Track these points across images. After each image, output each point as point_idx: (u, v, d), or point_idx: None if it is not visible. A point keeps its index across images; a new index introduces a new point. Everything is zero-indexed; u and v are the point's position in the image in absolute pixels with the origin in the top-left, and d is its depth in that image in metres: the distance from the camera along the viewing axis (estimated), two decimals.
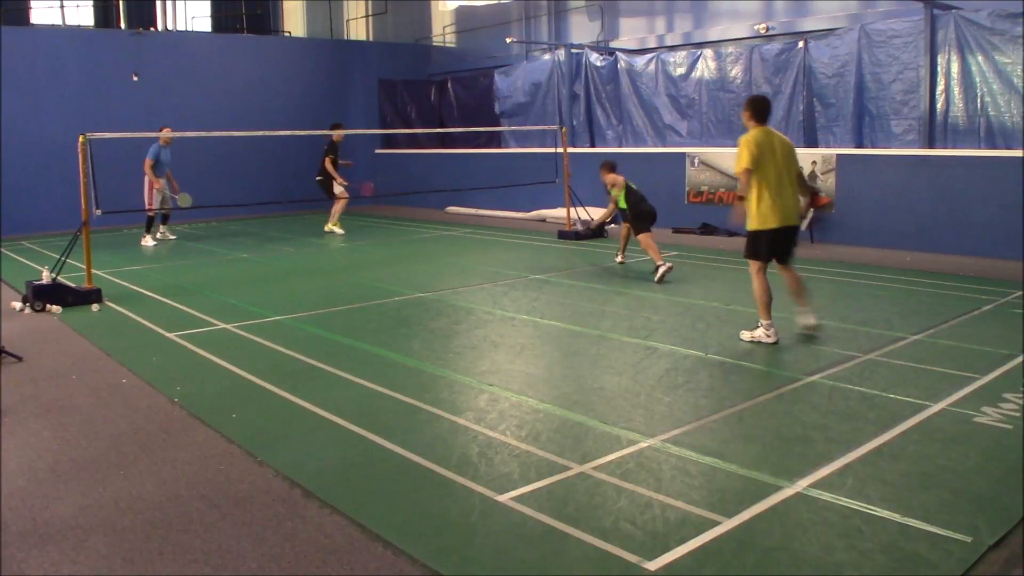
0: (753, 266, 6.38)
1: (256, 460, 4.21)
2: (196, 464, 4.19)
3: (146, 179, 13.08)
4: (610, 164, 10.21)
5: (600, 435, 4.44)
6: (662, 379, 5.49)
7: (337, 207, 13.92)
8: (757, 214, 6.27)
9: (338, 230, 13.85)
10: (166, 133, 12.21)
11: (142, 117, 15.41)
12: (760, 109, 6.39)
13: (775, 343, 6.22)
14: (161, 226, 13.78)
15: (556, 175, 13.25)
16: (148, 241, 13.27)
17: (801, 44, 12.59)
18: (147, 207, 13.17)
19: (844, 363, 5.68)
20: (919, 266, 9.69)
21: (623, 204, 9.84)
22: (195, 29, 19.26)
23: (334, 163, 13.66)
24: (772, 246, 6.33)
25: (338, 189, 13.65)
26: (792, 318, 6.55)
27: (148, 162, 13.01)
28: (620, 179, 9.93)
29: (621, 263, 10.35)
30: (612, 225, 13.95)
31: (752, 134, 6.30)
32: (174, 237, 13.84)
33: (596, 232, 12.66)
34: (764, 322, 6.30)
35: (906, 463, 4.00)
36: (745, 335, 6.39)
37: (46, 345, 6.71)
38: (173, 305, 8.15)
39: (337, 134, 13.53)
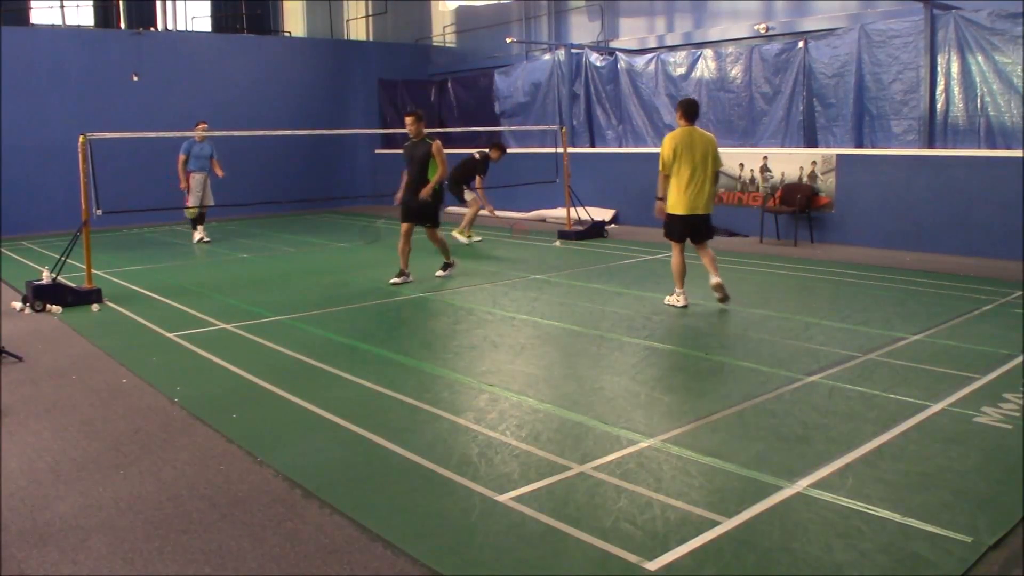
0: (673, 246, 7.60)
1: (256, 460, 4.21)
2: (196, 464, 4.19)
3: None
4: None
5: (600, 435, 4.44)
6: (662, 379, 5.49)
7: (471, 212, 12.50)
8: (673, 201, 7.45)
9: (464, 238, 12.29)
10: (200, 129, 12.07)
11: (142, 117, 15.41)
12: (689, 110, 7.45)
13: (685, 307, 7.47)
14: (198, 226, 13.34)
15: (556, 175, 13.25)
16: (196, 236, 13.08)
17: (801, 44, 12.59)
18: (186, 204, 12.78)
19: (844, 363, 5.68)
20: (919, 266, 9.69)
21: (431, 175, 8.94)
22: (195, 29, 19.27)
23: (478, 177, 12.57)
24: (684, 229, 7.50)
25: (470, 195, 12.42)
26: (794, 319, 6.55)
27: (180, 158, 12.61)
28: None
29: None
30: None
31: (675, 133, 7.42)
32: (204, 239, 13.19)
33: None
34: (678, 289, 7.53)
35: (906, 463, 4.00)
36: (667, 300, 7.67)
37: (46, 345, 6.71)
38: (173, 305, 8.15)
39: (495, 154, 12.45)
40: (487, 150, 12.65)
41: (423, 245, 9.62)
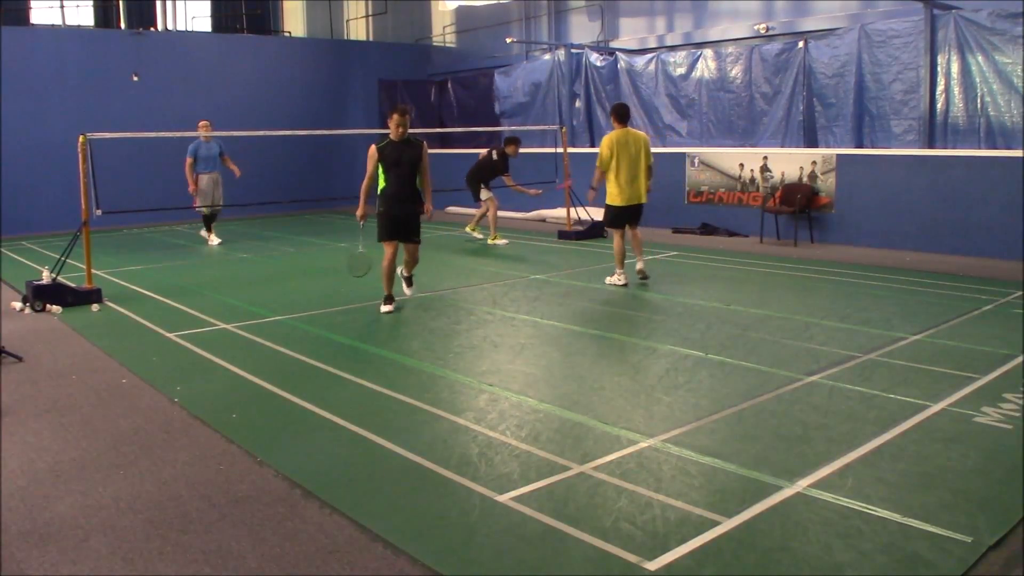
0: (615, 233, 8.77)
1: (256, 460, 4.21)
2: (196, 464, 4.19)
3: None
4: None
5: (600, 435, 4.44)
6: (662, 379, 5.48)
7: (492, 215, 12.32)
8: (614, 194, 8.59)
9: (479, 235, 12.65)
10: (203, 128, 11.91)
11: (142, 117, 15.41)
12: (621, 114, 8.75)
13: (624, 285, 8.59)
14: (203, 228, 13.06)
15: (556, 175, 13.25)
16: (212, 240, 12.76)
17: (801, 44, 12.59)
18: (195, 206, 12.50)
19: (844, 363, 5.68)
20: (919, 266, 9.69)
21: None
22: (195, 29, 19.27)
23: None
24: (623, 216, 8.67)
25: (485, 195, 12.27)
26: (794, 319, 6.54)
27: (188, 161, 12.32)
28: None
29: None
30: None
31: (612, 134, 8.58)
32: (219, 241, 12.90)
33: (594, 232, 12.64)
34: (619, 270, 8.66)
35: (906, 463, 4.00)
36: (608, 280, 8.76)
37: (46, 345, 6.71)
38: (173, 305, 8.15)
39: (512, 149, 12.22)
40: (502, 147, 12.31)
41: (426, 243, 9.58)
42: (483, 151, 12.68)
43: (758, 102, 13.21)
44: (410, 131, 7.93)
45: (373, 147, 7.74)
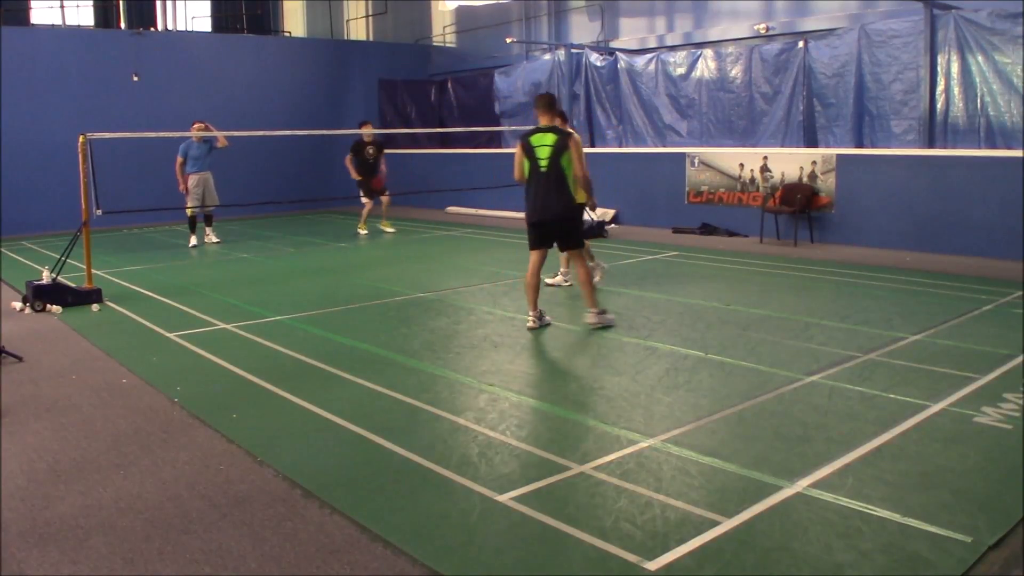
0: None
1: (256, 460, 4.21)
2: (196, 464, 4.19)
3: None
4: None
5: (600, 435, 4.44)
6: (662, 379, 5.48)
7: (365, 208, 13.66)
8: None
9: (362, 231, 13.64)
10: (196, 129, 11.99)
11: (142, 117, 15.41)
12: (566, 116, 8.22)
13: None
14: (206, 228, 13.08)
15: None
16: (192, 241, 12.79)
17: (801, 44, 12.59)
18: (185, 206, 12.59)
19: (844, 363, 5.68)
20: (919, 266, 9.69)
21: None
22: (195, 29, 19.27)
23: (352, 161, 13.42)
24: None
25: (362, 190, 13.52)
26: (794, 319, 6.53)
27: (178, 161, 12.48)
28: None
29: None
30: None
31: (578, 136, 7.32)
32: (218, 240, 13.01)
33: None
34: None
35: (906, 463, 4.00)
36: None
37: (46, 345, 6.71)
38: (173, 305, 8.16)
39: (366, 133, 13.36)
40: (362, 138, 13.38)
41: (425, 244, 9.57)
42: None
43: (758, 102, 13.21)
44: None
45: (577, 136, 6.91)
